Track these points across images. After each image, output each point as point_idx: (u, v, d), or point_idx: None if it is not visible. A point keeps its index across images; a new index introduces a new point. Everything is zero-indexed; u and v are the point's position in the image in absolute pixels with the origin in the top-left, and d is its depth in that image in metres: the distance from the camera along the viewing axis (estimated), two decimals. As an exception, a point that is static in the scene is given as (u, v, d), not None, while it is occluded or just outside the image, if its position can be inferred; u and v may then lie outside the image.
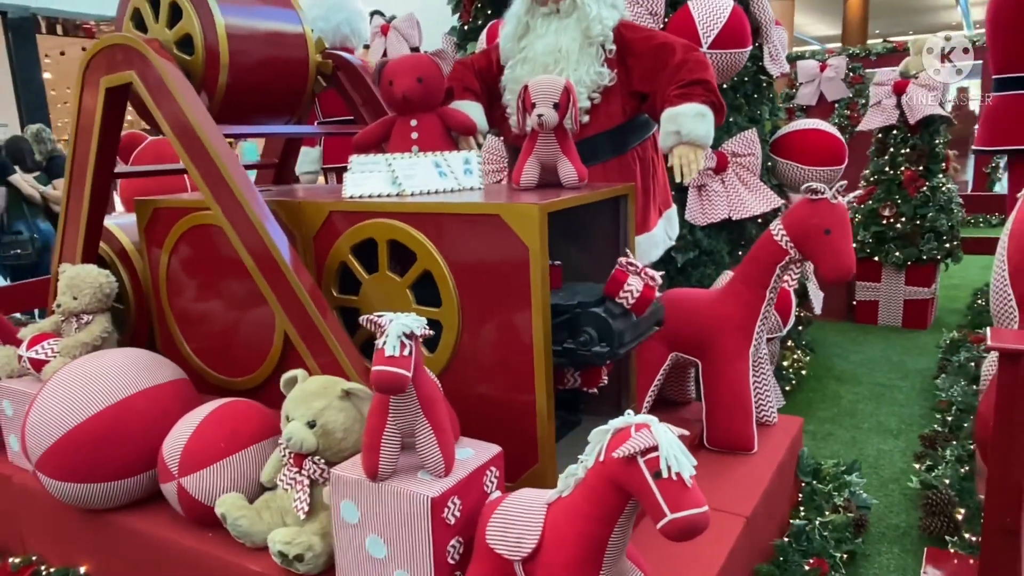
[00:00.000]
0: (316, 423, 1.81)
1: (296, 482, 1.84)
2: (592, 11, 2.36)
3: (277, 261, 2.03)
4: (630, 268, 1.94)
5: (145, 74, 2.13)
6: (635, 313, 1.96)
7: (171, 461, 1.94)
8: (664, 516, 1.28)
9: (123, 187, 4.27)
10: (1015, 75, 3.45)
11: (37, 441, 2.02)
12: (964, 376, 3.47)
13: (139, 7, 2.29)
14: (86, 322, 2.42)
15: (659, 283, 1.97)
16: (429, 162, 2.25)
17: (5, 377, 2.44)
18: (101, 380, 2.06)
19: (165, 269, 2.46)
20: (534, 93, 2.04)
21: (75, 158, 2.40)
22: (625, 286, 1.90)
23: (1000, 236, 2.65)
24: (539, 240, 1.77)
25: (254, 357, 2.32)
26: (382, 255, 2.01)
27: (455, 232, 1.89)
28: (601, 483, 1.38)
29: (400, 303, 2.00)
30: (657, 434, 1.32)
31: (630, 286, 1.89)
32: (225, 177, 2.06)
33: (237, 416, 2.02)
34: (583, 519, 1.41)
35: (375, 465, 1.59)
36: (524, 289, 1.81)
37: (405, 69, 2.36)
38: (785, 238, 2.27)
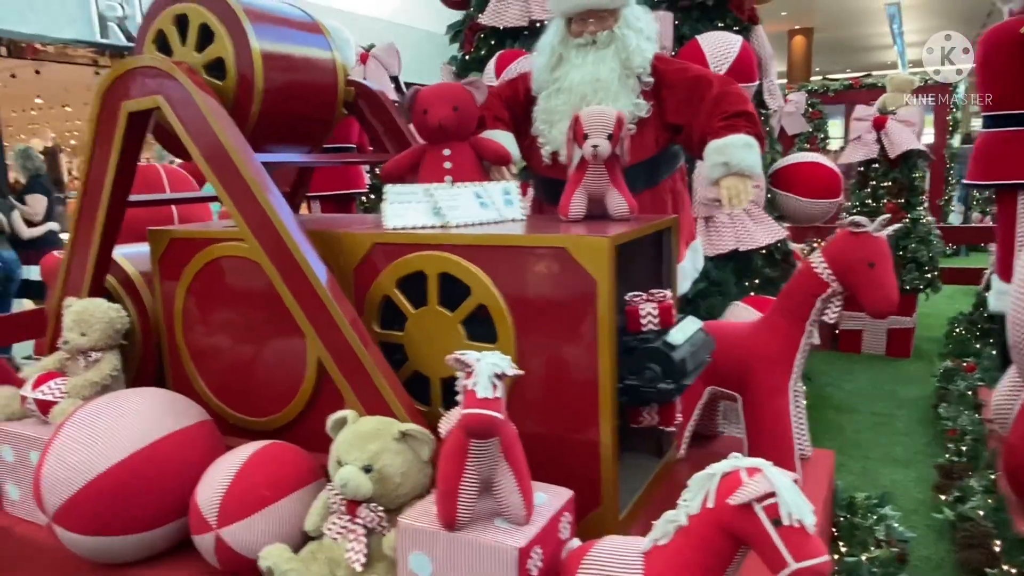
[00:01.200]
0: (372, 467, 1.70)
1: (349, 531, 1.73)
2: (632, 42, 2.35)
3: (319, 294, 1.92)
4: (635, 300, 1.90)
5: (173, 98, 2.02)
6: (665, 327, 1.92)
7: (208, 511, 1.80)
8: (786, 566, 1.23)
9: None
10: (1005, 112, 3.57)
11: (55, 491, 1.86)
12: (966, 405, 3.52)
13: (164, 29, 2.18)
14: (95, 360, 2.27)
15: (667, 296, 1.95)
16: (470, 192, 2.19)
17: (5, 419, 2.26)
18: (125, 424, 1.92)
19: (182, 303, 2.32)
20: (587, 124, 2.00)
21: (88, 186, 2.26)
22: (643, 315, 1.86)
23: (1016, 268, 2.70)
24: (608, 274, 1.71)
25: (280, 396, 2.20)
26: (432, 289, 1.93)
27: (515, 265, 1.82)
28: (710, 531, 1.32)
29: (450, 339, 1.92)
30: (774, 479, 1.27)
31: (647, 312, 1.85)
32: (263, 206, 1.95)
33: (277, 460, 1.90)
34: (689, 569, 1.34)
35: (453, 514, 1.49)
36: (591, 324, 1.75)
37: (440, 97, 2.30)
38: (827, 271, 2.26)
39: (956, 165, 10.62)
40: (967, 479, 2.74)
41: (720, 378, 2.40)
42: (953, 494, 2.66)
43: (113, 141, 2.16)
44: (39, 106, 16.00)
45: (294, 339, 2.11)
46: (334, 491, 1.76)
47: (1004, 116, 3.61)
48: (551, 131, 2.45)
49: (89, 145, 2.23)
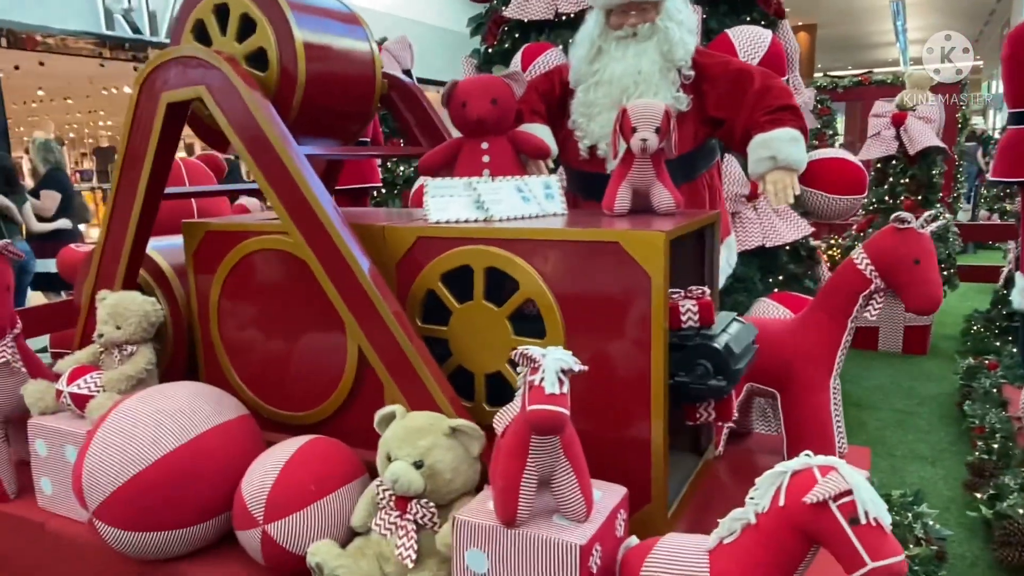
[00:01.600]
0: (424, 463, 1.68)
1: (399, 527, 1.71)
2: (675, 35, 2.32)
3: (364, 288, 1.90)
4: (674, 296, 1.88)
5: (216, 89, 2.00)
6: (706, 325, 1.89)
7: (254, 506, 1.78)
8: (864, 565, 1.21)
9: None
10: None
11: (97, 486, 1.84)
12: (992, 402, 3.51)
13: (203, 19, 2.15)
14: (130, 353, 2.24)
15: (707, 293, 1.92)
16: (512, 186, 2.16)
17: (39, 414, 2.24)
18: (169, 418, 1.90)
19: (217, 296, 2.30)
20: (635, 117, 1.97)
21: (123, 178, 2.24)
22: (683, 311, 1.83)
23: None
24: (663, 269, 1.69)
25: (318, 391, 2.17)
26: (478, 283, 1.91)
27: (565, 260, 1.80)
28: (782, 529, 1.30)
29: (496, 334, 1.90)
30: (850, 477, 1.25)
31: (687, 309, 1.82)
32: (308, 199, 1.93)
33: (323, 455, 1.88)
34: (759, 567, 1.33)
35: (513, 510, 1.47)
36: (643, 320, 1.73)
37: (479, 90, 2.28)
38: (870, 267, 2.24)
39: (964, 163, 10.62)
40: (1000, 477, 2.73)
41: (759, 375, 2.38)
42: (988, 492, 2.65)
43: (152, 132, 2.13)
44: (40, 98, 15.93)
45: (334, 334, 2.09)
46: (383, 487, 1.74)
47: (1030, 113, 3.59)
48: (589, 124, 2.43)
49: (125, 136, 2.20)
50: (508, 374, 1.90)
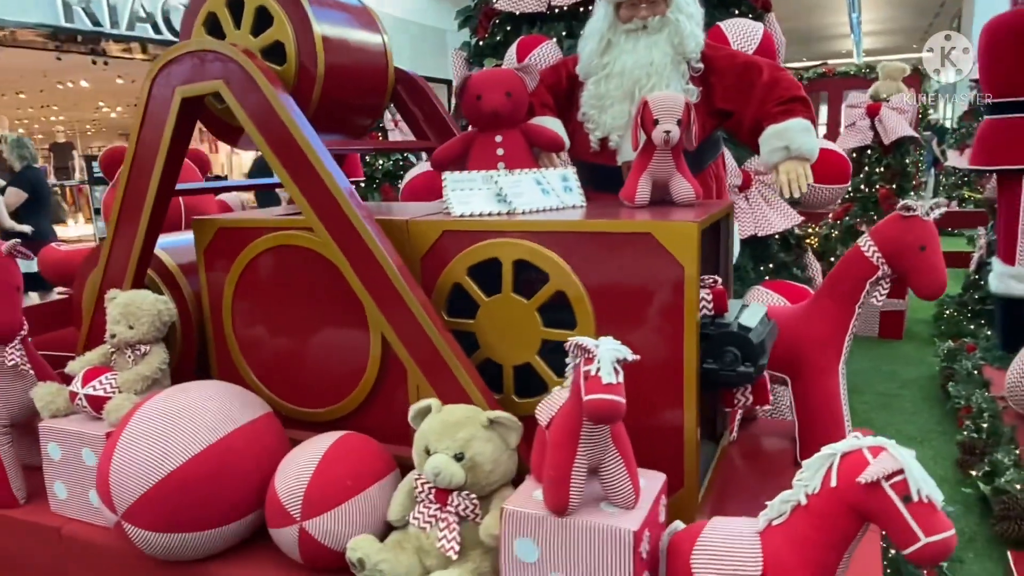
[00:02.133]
0: (464, 455, 1.69)
1: (440, 520, 1.72)
2: (686, 28, 2.35)
3: (393, 282, 1.90)
4: None
5: (236, 84, 1.97)
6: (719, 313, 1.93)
7: (291, 503, 1.77)
8: (917, 540, 1.25)
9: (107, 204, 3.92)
10: (1008, 100, 3.68)
11: (125, 488, 1.81)
12: (975, 383, 3.63)
13: (215, 11, 2.12)
14: (143, 353, 2.21)
15: (719, 281, 1.96)
16: (531, 179, 2.18)
17: (50, 417, 2.19)
18: (196, 418, 1.87)
19: (231, 293, 2.27)
20: (656, 110, 1.99)
21: (133, 174, 2.20)
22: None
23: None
24: (695, 259, 1.72)
25: (338, 388, 2.16)
26: (507, 276, 1.91)
27: (596, 251, 1.82)
28: (834, 509, 1.34)
29: (525, 326, 1.91)
30: (901, 457, 1.29)
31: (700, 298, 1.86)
32: (333, 193, 1.92)
33: (357, 451, 1.87)
34: (811, 547, 1.37)
35: (565, 499, 1.49)
36: (676, 309, 1.76)
37: (493, 83, 2.28)
38: (877, 254, 2.30)
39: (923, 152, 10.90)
40: (993, 454, 2.83)
41: (771, 361, 2.43)
42: (983, 469, 2.76)
43: (164, 128, 2.09)
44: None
45: (356, 330, 2.09)
46: (422, 480, 1.75)
47: (1007, 103, 3.72)
48: (601, 116, 2.45)
49: (136, 132, 2.16)
50: (538, 365, 1.92)
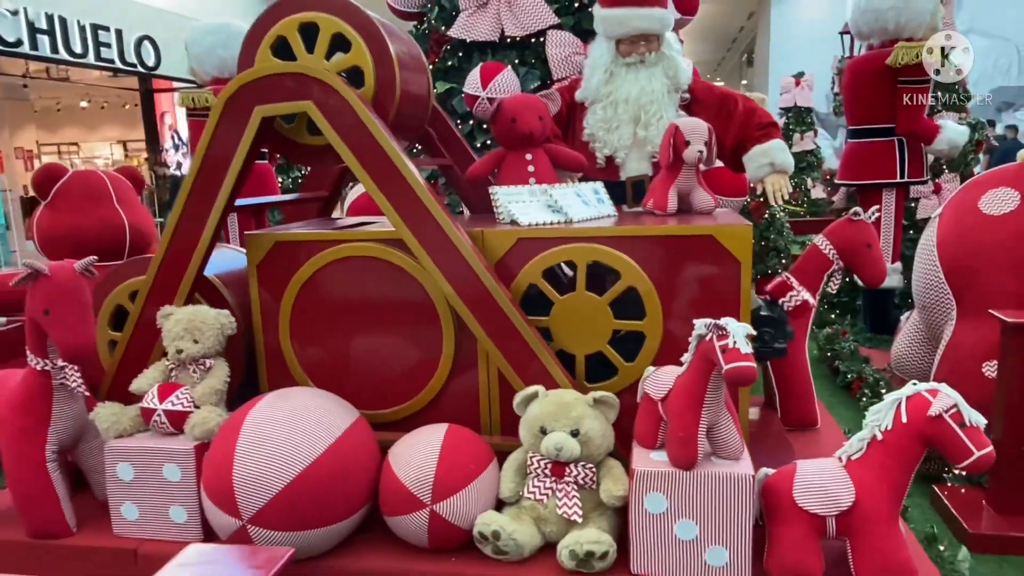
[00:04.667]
0: (579, 431, 1.95)
1: (557, 490, 1.96)
2: (678, 63, 2.75)
3: (486, 285, 2.11)
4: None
5: (325, 103, 2.09)
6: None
7: (420, 489, 1.93)
8: (972, 455, 1.69)
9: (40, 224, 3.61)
10: (869, 127, 4.48)
11: (253, 494, 1.87)
12: (859, 360, 4.38)
13: (286, 35, 2.21)
14: (207, 367, 2.23)
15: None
16: (571, 192, 2.47)
17: (115, 437, 2.15)
18: (311, 422, 1.97)
19: (290, 305, 2.34)
20: (687, 133, 2.36)
21: (195, 191, 2.22)
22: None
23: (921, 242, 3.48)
24: (750, 256, 2.10)
25: (407, 387, 2.31)
26: (581, 276, 2.19)
27: (662, 251, 2.14)
28: (906, 439, 1.75)
29: (598, 320, 2.19)
30: (953, 395, 1.73)
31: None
32: (427, 206, 2.10)
33: (467, 438, 2.06)
34: (889, 471, 1.77)
35: (694, 455, 1.80)
36: (734, 299, 2.12)
37: (527, 107, 2.56)
38: (832, 251, 2.82)
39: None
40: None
41: (752, 344, 2.89)
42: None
43: (240, 145, 2.16)
44: None
45: (424, 331, 2.26)
46: (537, 457, 1.98)
47: (868, 129, 4.51)
48: (608, 136, 2.79)
49: (202, 149, 2.19)
50: (609, 353, 2.20)
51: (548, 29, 3.83)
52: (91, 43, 11.16)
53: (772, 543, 1.84)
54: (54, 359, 2.08)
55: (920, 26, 4.31)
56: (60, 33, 10.56)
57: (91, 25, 11.15)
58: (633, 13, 2.76)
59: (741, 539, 1.81)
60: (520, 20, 3.82)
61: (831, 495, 1.79)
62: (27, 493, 2.13)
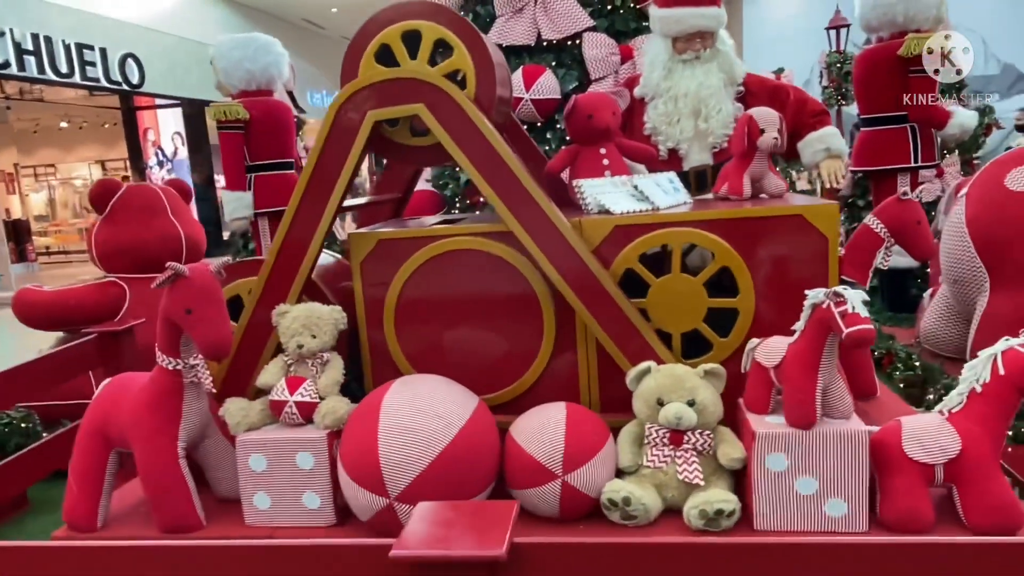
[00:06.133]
0: (695, 401, 2.09)
1: (677, 457, 2.10)
2: (732, 58, 2.93)
3: (595, 274, 2.25)
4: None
5: (437, 107, 2.22)
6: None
7: (551, 462, 2.06)
8: (1069, 398, 1.87)
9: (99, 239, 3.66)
10: (881, 115, 4.69)
11: (400, 474, 1.99)
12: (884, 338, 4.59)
13: (389, 43, 2.33)
14: (324, 361, 2.34)
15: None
16: (651, 182, 2.62)
17: (245, 431, 2.25)
18: (445, 404, 2.10)
19: (395, 300, 2.46)
20: (762, 122, 2.53)
21: (308, 194, 2.33)
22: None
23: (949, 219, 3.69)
24: (836, 232, 2.27)
25: (510, 373, 2.44)
26: (676, 259, 2.33)
27: (753, 232, 2.30)
28: (1004, 390, 1.92)
29: (693, 298, 2.34)
30: (1042, 346, 1.91)
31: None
32: (540, 203, 2.23)
33: (585, 414, 2.20)
34: (989, 420, 1.93)
35: (813, 415, 1.95)
36: (823, 273, 2.29)
37: (602, 105, 2.71)
38: (883, 229, 2.99)
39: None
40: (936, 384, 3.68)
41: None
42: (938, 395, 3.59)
43: (352, 148, 2.27)
44: None
45: (528, 321, 2.39)
46: (655, 427, 2.12)
47: (880, 118, 4.73)
48: (670, 130, 2.95)
49: (316, 154, 2.30)
50: (705, 330, 2.35)
51: (584, 32, 3.98)
52: (76, 62, 11.14)
53: (885, 493, 2.00)
54: (186, 358, 2.17)
55: (928, 19, 4.53)
56: (46, 53, 10.54)
57: (76, 44, 11.13)
58: (690, 12, 2.92)
59: (858, 490, 1.96)
60: (556, 23, 3.97)
61: (939, 445, 1.95)
62: (161, 490, 2.22)
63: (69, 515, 2.30)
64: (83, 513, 2.28)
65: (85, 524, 2.27)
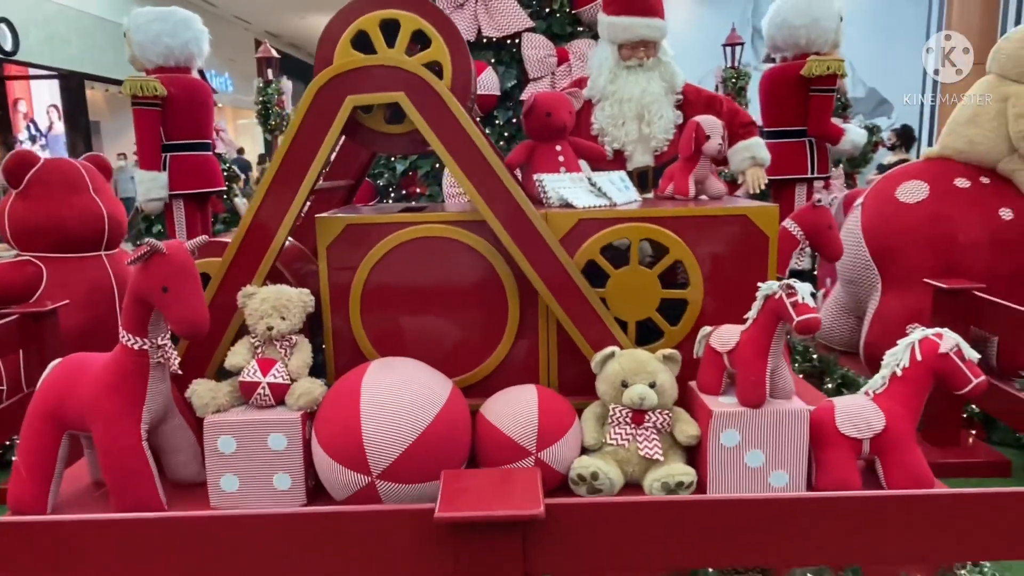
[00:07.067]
0: (656, 383, 2.27)
1: (638, 435, 2.27)
2: (674, 67, 3.14)
3: (560, 261, 2.38)
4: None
5: (417, 95, 2.27)
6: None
7: (525, 439, 2.18)
8: (970, 383, 2.16)
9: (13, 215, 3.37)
10: (783, 128, 5.10)
11: (382, 453, 2.04)
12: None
13: (367, 30, 2.36)
14: (293, 344, 2.34)
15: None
16: (606, 179, 2.78)
17: (213, 413, 2.22)
18: (424, 386, 2.17)
19: (361, 285, 2.49)
20: (707, 128, 2.74)
21: (281, 174, 2.32)
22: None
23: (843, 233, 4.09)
24: (776, 231, 2.50)
25: (473, 358, 2.54)
26: (635, 252, 2.50)
27: (704, 229, 2.50)
28: (921, 374, 2.20)
29: (648, 290, 2.51)
30: (955, 336, 2.20)
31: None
32: (509, 190, 2.33)
33: (553, 395, 2.32)
34: (908, 400, 2.21)
35: (763, 396, 2.17)
36: (763, 268, 2.52)
37: (559, 104, 2.83)
38: (799, 232, 3.30)
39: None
40: (833, 374, 4.07)
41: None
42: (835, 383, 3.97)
43: (330, 130, 2.29)
44: None
45: (491, 306, 2.50)
46: (618, 407, 2.28)
47: (782, 131, 5.14)
48: (616, 131, 3.12)
49: (291, 136, 2.30)
50: (657, 319, 2.53)
51: (523, 32, 4.11)
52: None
53: (820, 465, 2.24)
54: (154, 338, 2.13)
55: (826, 42, 4.98)
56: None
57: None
58: (636, 21, 3.11)
59: (799, 463, 2.20)
60: (496, 21, 4.07)
61: (867, 422, 2.21)
62: (123, 473, 2.16)
63: (14, 501, 2.19)
64: (31, 498, 2.18)
65: (33, 510, 2.17)
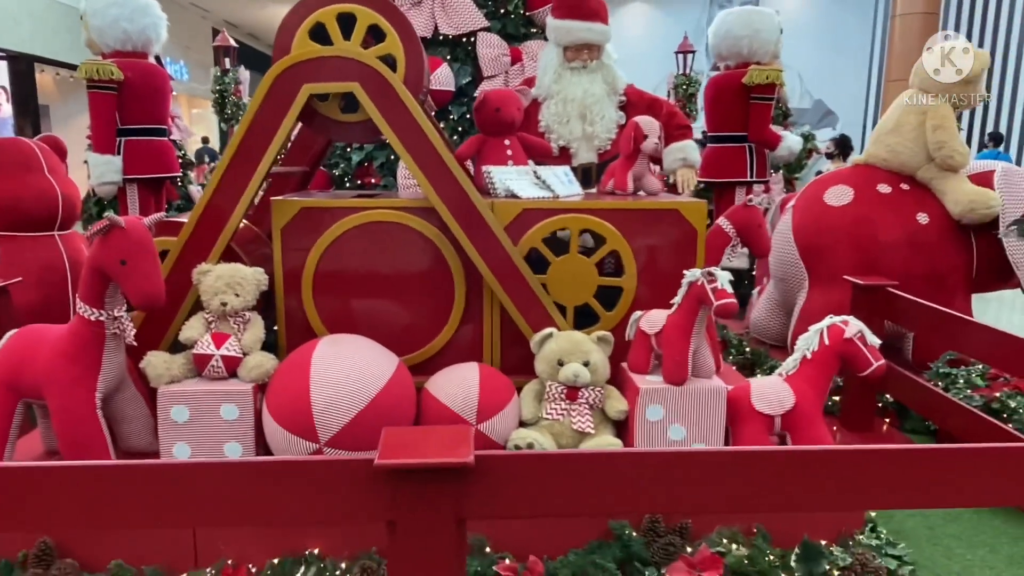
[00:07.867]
0: (589, 362, 2.44)
1: (572, 410, 2.44)
2: (616, 70, 3.32)
3: (503, 244, 2.53)
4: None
5: (371, 86, 2.40)
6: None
7: (466, 412, 2.33)
8: (872, 365, 2.38)
9: None
10: (726, 134, 5.34)
11: (330, 420, 2.18)
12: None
13: (324, 22, 2.48)
14: (248, 320, 2.45)
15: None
16: (550, 172, 2.94)
17: (167, 384, 2.31)
18: (369, 361, 2.31)
19: (314, 267, 2.61)
20: (645, 128, 2.92)
21: (238, 157, 2.43)
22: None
23: (777, 227, 4.34)
24: (704, 225, 2.70)
25: (422, 338, 2.68)
26: (574, 241, 2.67)
27: (639, 222, 2.68)
28: (828, 357, 2.42)
29: (586, 276, 2.69)
30: (859, 324, 2.43)
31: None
32: (457, 178, 2.48)
33: (495, 372, 2.48)
34: (818, 380, 2.43)
35: (685, 374, 2.36)
36: (692, 259, 2.71)
37: (509, 100, 2.99)
38: (731, 229, 3.52)
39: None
40: (763, 366, 4.31)
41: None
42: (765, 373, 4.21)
43: (286, 117, 2.41)
44: None
45: (441, 291, 2.64)
46: (554, 384, 2.44)
47: (724, 136, 5.39)
48: (561, 129, 3.29)
49: (248, 120, 2.41)
50: (594, 304, 2.70)
51: (479, 31, 4.25)
52: None
53: (736, 438, 2.44)
54: (110, 309, 2.22)
55: (767, 52, 5.24)
56: None
57: None
58: (579, 25, 3.29)
59: (716, 436, 2.39)
60: (452, 19, 4.21)
61: (779, 400, 2.41)
62: (77, 440, 2.24)
63: (-32, 467, 2.25)
64: (-16, 464, 2.24)
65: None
